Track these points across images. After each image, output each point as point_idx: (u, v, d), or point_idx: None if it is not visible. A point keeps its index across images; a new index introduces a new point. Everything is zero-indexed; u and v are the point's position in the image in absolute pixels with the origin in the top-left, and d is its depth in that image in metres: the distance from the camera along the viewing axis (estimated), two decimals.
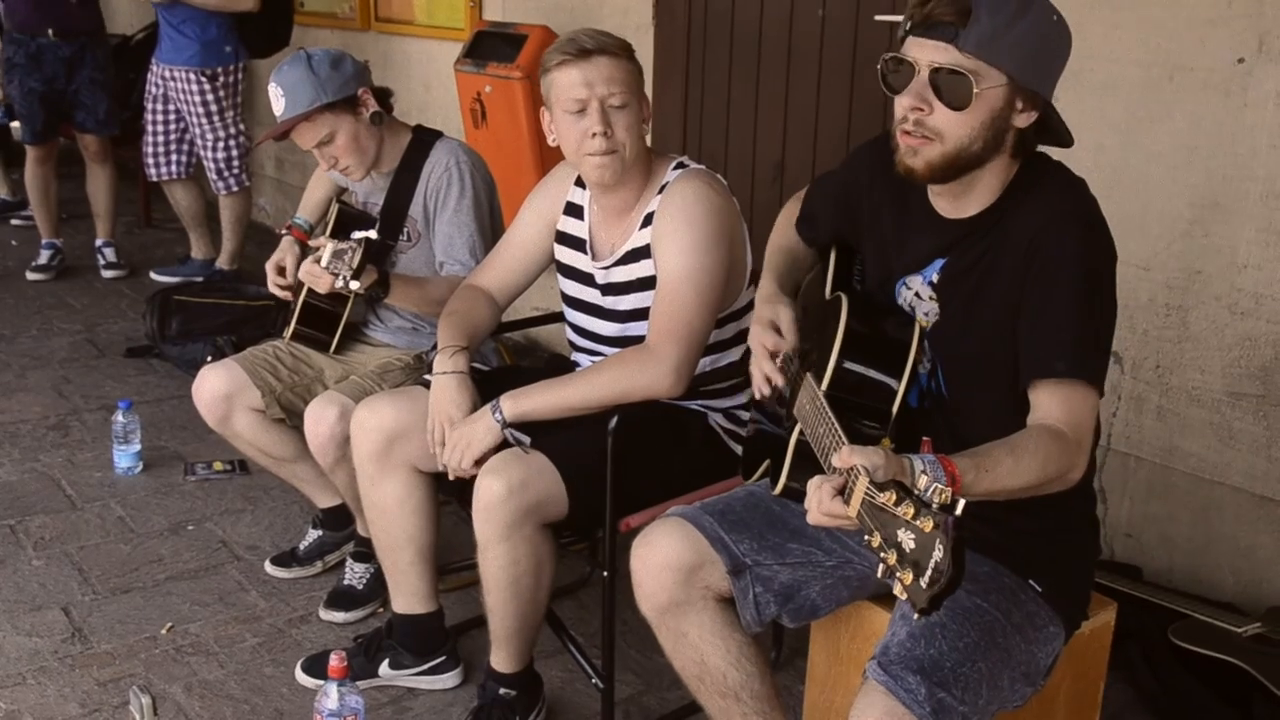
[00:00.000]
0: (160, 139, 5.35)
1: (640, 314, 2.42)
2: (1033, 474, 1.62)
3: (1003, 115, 1.71)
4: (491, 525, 2.25)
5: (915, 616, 1.38)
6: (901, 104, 1.71)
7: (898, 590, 1.39)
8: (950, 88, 1.68)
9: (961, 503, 1.36)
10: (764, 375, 1.94)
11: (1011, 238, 1.76)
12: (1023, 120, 1.74)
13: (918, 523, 1.36)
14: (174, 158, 5.39)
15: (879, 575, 1.42)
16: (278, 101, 2.75)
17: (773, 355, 1.94)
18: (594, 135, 2.27)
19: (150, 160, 5.42)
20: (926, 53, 1.68)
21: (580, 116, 2.29)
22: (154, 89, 5.27)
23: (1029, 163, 1.80)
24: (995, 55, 1.66)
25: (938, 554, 1.34)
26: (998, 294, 1.77)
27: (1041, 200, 1.76)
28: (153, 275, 5.68)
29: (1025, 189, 1.78)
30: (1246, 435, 2.82)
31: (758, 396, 2.00)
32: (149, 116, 5.33)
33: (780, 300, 2.02)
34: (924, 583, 1.35)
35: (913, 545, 1.37)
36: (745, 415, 2.47)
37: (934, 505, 1.36)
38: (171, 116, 5.29)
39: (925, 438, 1.44)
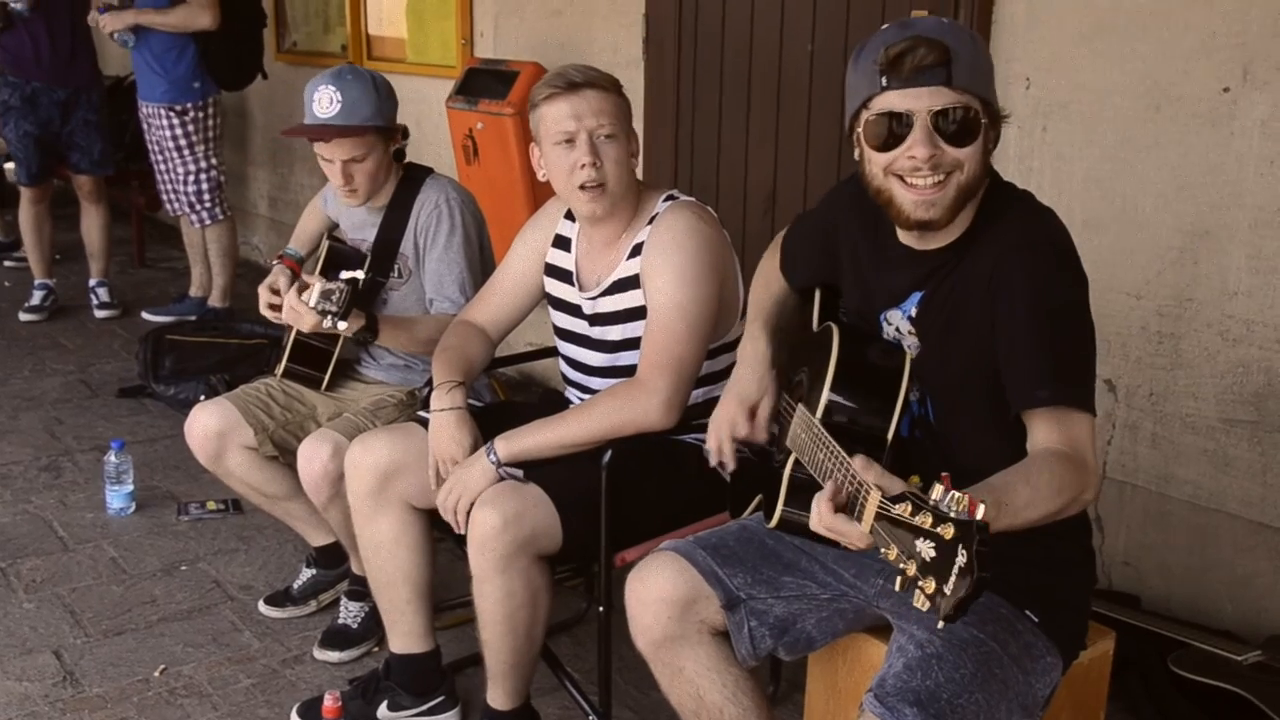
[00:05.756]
0: (166, 176, 5.39)
1: (629, 344, 2.43)
2: (1050, 500, 1.59)
3: (989, 139, 1.75)
4: (487, 558, 2.24)
5: (940, 625, 1.34)
6: (911, 155, 1.70)
7: (919, 601, 1.34)
8: (957, 126, 1.69)
9: (983, 507, 1.33)
10: (718, 448, 2.01)
11: (976, 269, 1.77)
12: (992, 138, 1.76)
13: (938, 530, 1.32)
14: None
15: (897, 589, 1.38)
16: (330, 105, 2.73)
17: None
18: (583, 166, 2.29)
19: (165, 197, 5.47)
20: (922, 100, 1.69)
21: (569, 148, 2.30)
22: (145, 127, 5.32)
23: (996, 191, 1.82)
24: (978, 84, 1.71)
25: (961, 559, 1.30)
26: (969, 324, 1.78)
27: (1004, 230, 1.77)
28: (144, 315, 5.68)
29: (992, 219, 1.79)
30: (1242, 462, 2.82)
31: (711, 462, 2.04)
32: (152, 156, 5.38)
33: (767, 379, 2.02)
34: (948, 589, 1.31)
35: (933, 554, 1.33)
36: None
37: (952, 512, 1.33)
38: None
39: (944, 473, 1.40)
